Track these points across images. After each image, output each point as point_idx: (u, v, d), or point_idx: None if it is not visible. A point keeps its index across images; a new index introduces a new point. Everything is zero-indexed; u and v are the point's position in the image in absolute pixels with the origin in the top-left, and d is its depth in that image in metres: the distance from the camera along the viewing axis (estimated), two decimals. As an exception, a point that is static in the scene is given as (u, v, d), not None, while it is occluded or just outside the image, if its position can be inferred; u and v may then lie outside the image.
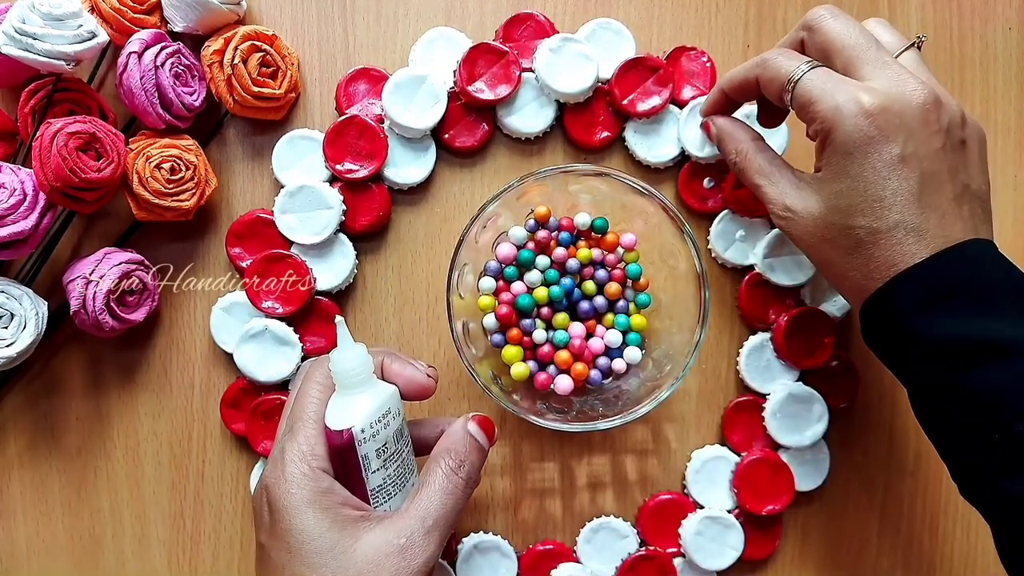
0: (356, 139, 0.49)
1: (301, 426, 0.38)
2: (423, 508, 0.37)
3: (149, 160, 0.46)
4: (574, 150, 0.52)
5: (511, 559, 0.50)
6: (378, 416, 0.37)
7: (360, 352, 0.38)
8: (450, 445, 0.39)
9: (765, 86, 0.42)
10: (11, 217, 0.43)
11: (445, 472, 0.38)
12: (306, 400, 0.38)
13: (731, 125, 0.45)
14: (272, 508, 0.36)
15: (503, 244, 0.47)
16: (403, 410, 0.40)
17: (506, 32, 0.51)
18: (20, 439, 0.51)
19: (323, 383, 0.39)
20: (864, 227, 0.38)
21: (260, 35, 0.48)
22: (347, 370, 0.37)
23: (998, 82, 0.54)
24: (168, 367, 0.51)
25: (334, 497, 0.36)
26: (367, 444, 0.37)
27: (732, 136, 0.45)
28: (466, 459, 0.39)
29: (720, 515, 0.50)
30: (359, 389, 0.38)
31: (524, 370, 0.46)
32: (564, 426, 0.45)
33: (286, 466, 0.36)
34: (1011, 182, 0.54)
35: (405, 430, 0.40)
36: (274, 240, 0.50)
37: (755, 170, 0.43)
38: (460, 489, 0.38)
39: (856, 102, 0.38)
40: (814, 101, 0.39)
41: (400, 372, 0.40)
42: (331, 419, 0.37)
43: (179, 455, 0.52)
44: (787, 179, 0.42)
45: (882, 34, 0.41)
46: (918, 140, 0.37)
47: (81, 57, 0.44)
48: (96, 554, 0.52)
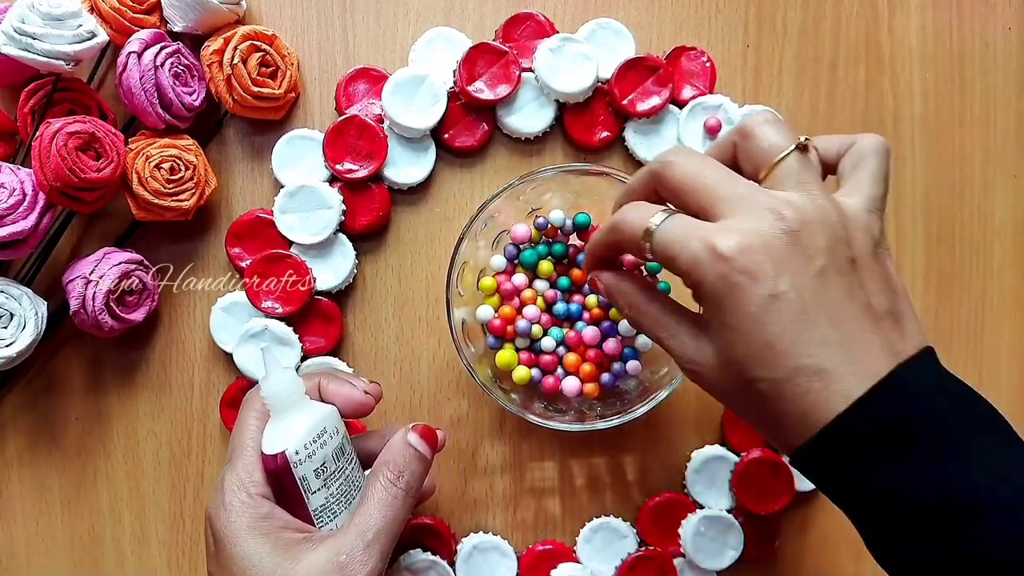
0: (356, 139, 0.49)
1: (239, 455, 0.38)
2: (362, 523, 0.37)
3: (149, 160, 0.46)
4: (574, 150, 0.52)
5: (511, 559, 0.50)
6: (312, 436, 0.37)
7: (287, 376, 0.38)
8: (389, 457, 0.39)
9: (625, 249, 0.37)
10: (11, 217, 0.43)
11: (384, 484, 0.38)
12: (243, 428, 0.39)
13: (616, 279, 0.40)
14: (215, 537, 0.37)
15: (518, 226, 0.47)
16: (343, 428, 0.40)
17: (506, 32, 0.51)
18: (20, 439, 0.51)
19: (260, 410, 0.39)
20: (764, 379, 0.33)
21: (260, 35, 0.48)
22: (277, 394, 0.38)
23: (998, 82, 0.54)
24: (168, 367, 0.51)
25: (274, 521, 0.37)
26: (303, 465, 0.37)
27: (619, 291, 0.39)
28: (405, 469, 0.39)
29: (720, 515, 0.50)
30: (292, 412, 0.38)
31: (525, 374, 0.46)
32: (563, 426, 0.45)
33: (225, 495, 0.37)
34: (1011, 182, 0.54)
35: (347, 447, 0.40)
36: (274, 240, 0.50)
37: (651, 323, 0.38)
38: (400, 500, 0.38)
39: (712, 250, 0.32)
40: (672, 257, 0.34)
41: (337, 391, 0.41)
42: (266, 444, 0.38)
43: (179, 455, 0.52)
44: (684, 329, 0.36)
45: (768, 134, 0.36)
46: (790, 273, 0.32)
47: (81, 57, 0.44)
48: (96, 554, 0.52)
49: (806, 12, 0.53)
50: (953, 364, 0.53)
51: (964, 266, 0.54)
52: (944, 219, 0.54)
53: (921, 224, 0.54)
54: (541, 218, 0.47)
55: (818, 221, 0.33)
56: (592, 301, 0.47)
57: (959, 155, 0.54)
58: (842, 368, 0.32)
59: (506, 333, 0.47)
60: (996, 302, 0.54)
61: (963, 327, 0.54)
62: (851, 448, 0.32)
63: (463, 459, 0.52)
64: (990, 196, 0.54)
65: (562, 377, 0.47)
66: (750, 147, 0.36)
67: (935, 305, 0.54)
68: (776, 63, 0.53)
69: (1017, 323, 0.54)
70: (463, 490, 0.52)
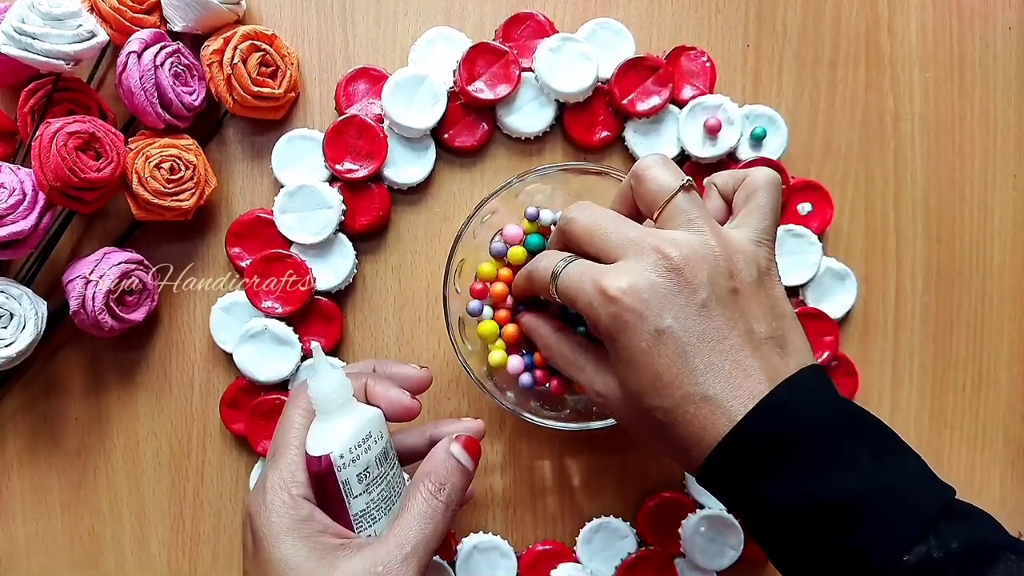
0: (356, 139, 0.49)
1: (283, 452, 0.38)
2: (401, 535, 0.36)
3: (148, 160, 0.46)
4: (574, 150, 0.52)
5: (511, 559, 0.50)
6: (358, 440, 0.37)
7: (337, 377, 0.38)
8: (431, 468, 0.39)
9: (539, 292, 0.41)
10: (10, 217, 0.43)
11: (424, 496, 0.38)
12: (288, 426, 0.39)
13: (534, 321, 0.44)
14: (254, 536, 0.37)
15: (510, 226, 0.47)
16: (387, 432, 0.39)
17: (506, 32, 0.51)
18: (20, 439, 0.51)
19: (305, 408, 0.39)
20: (658, 408, 0.35)
21: (260, 35, 0.48)
22: (325, 396, 0.37)
23: (998, 82, 0.54)
24: (168, 367, 0.51)
25: (314, 525, 0.36)
26: (347, 469, 0.37)
27: (537, 332, 0.43)
28: (447, 481, 0.38)
29: (720, 515, 0.50)
30: (339, 414, 0.38)
31: (501, 358, 0.45)
32: (558, 424, 0.45)
33: (266, 494, 0.37)
34: (1011, 182, 0.54)
35: (390, 452, 0.39)
36: (274, 240, 0.50)
37: (564, 361, 0.42)
38: (440, 513, 0.37)
39: (601, 291, 0.35)
40: (573, 299, 0.37)
41: (383, 395, 0.40)
42: (311, 445, 0.37)
43: (179, 455, 0.52)
44: (591, 365, 0.40)
45: (656, 176, 0.38)
46: (674, 309, 0.35)
47: (80, 57, 0.44)
48: (96, 554, 0.52)
49: (806, 12, 0.53)
50: (953, 364, 0.53)
51: (964, 265, 0.54)
52: (944, 219, 0.54)
53: (921, 223, 0.54)
54: (532, 208, 0.46)
55: (700, 256, 0.35)
56: None
57: (959, 155, 0.54)
58: (726, 393, 0.34)
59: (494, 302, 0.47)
60: (996, 302, 0.54)
61: (963, 327, 0.54)
62: (738, 466, 0.34)
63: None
64: (990, 196, 0.54)
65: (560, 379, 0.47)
66: (642, 191, 0.38)
67: (935, 305, 0.54)
68: (776, 63, 0.53)
69: (1017, 323, 0.54)
70: (463, 490, 0.52)
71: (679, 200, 0.37)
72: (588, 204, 0.39)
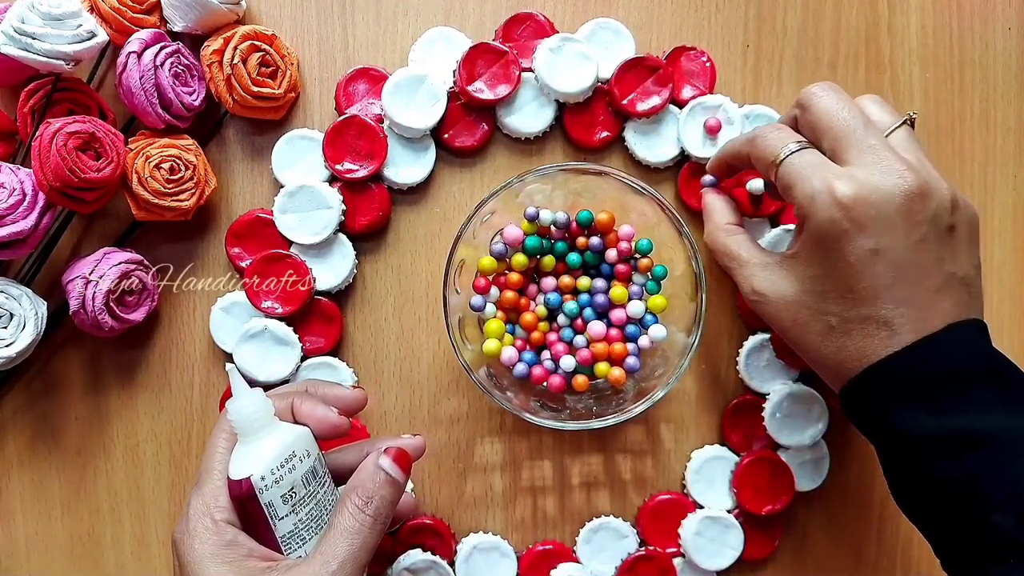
0: (356, 139, 0.49)
1: (206, 479, 0.38)
2: (327, 552, 0.36)
3: (148, 160, 0.46)
4: (574, 150, 0.52)
5: (511, 559, 0.50)
6: (280, 461, 0.36)
7: (255, 398, 0.37)
8: (358, 482, 0.38)
9: (755, 163, 0.41)
10: (10, 217, 0.43)
11: (351, 511, 0.37)
12: (212, 452, 0.38)
13: (712, 204, 0.45)
14: (180, 563, 0.36)
15: (510, 227, 0.47)
16: (315, 450, 0.39)
17: (506, 32, 0.51)
18: (20, 439, 0.51)
19: (230, 432, 0.39)
20: (836, 314, 0.37)
21: (259, 35, 0.48)
22: (244, 418, 0.37)
23: (998, 82, 0.54)
24: (168, 367, 0.51)
25: (238, 549, 0.36)
26: (270, 491, 0.36)
27: (709, 216, 0.45)
28: (374, 495, 0.37)
29: (720, 515, 0.50)
30: (260, 435, 0.37)
31: (496, 347, 0.45)
32: (558, 424, 0.45)
33: (189, 521, 0.36)
34: (1011, 182, 0.54)
35: (320, 470, 0.39)
36: (274, 240, 0.50)
37: (722, 253, 0.43)
38: (368, 528, 0.37)
39: (830, 192, 0.36)
40: (792, 186, 0.38)
41: (310, 413, 0.40)
42: (232, 469, 0.37)
43: (179, 455, 0.52)
44: (755, 262, 0.41)
45: (873, 111, 0.40)
46: (896, 233, 0.36)
47: (80, 57, 0.44)
48: (96, 554, 0.52)
49: (806, 12, 0.53)
50: (953, 364, 0.53)
51: (964, 266, 0.54)
52: (944, 219, 0.54)
53: (921, 224, 0.54)
54: (532, 208, 0.46)
55: (932, 189, 0.36)
56: (616, 293, 0.47)
57: (959, 155, 0.54)
58: (907, 325, 0.36)
59: (501, 302, 0.47)
60: (996, 302, 0.54)
61: (963, 327, 0.54)
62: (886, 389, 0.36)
63: (463, 459, 0.52)
64: (990, 196, 0.54)
65: (562, 375, 0.47)
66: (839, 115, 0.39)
67: (935, 305, 0.54)
68: (776, 63, 0.53)
69: (1017, 323, 0.54)
70: (463, 490, 0.52)
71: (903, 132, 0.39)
72: (832, 87, 0.40)
